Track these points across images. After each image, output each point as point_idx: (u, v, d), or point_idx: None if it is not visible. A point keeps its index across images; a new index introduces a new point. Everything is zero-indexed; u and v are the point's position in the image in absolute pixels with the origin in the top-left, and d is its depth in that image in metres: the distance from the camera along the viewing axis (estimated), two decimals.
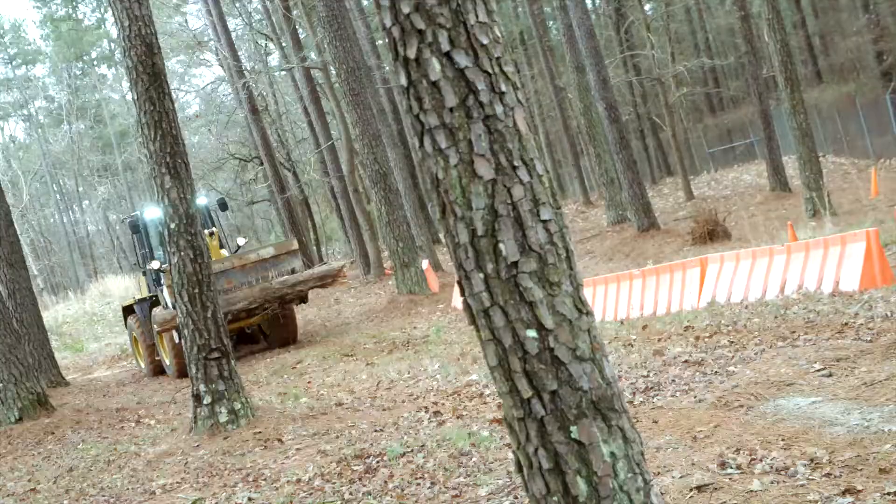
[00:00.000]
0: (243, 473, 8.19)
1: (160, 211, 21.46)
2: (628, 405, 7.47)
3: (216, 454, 9.22)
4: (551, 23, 49.89)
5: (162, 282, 18.59)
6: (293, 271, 19.13)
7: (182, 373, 17.68)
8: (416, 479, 6.72)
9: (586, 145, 34.05)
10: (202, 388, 10.36)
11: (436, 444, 7.59)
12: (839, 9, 48.49)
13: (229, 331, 20.35)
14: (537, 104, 50.86)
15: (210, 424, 10.27)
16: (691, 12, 55.36)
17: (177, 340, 17.69)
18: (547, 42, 42.35)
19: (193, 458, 9.32)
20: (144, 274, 21.74)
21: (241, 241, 21.66)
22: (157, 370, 20.37)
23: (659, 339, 10.67)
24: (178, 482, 8.43)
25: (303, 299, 19.88)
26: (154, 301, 20.26)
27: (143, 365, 21.44)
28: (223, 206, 22.30)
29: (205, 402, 10.35)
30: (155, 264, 19.40)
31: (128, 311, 22.23)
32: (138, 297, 21.71)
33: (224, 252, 20.73)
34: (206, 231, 19.04)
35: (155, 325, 18.08)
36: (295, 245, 19.81)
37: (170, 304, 17.75)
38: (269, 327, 21.38)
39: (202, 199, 21.59)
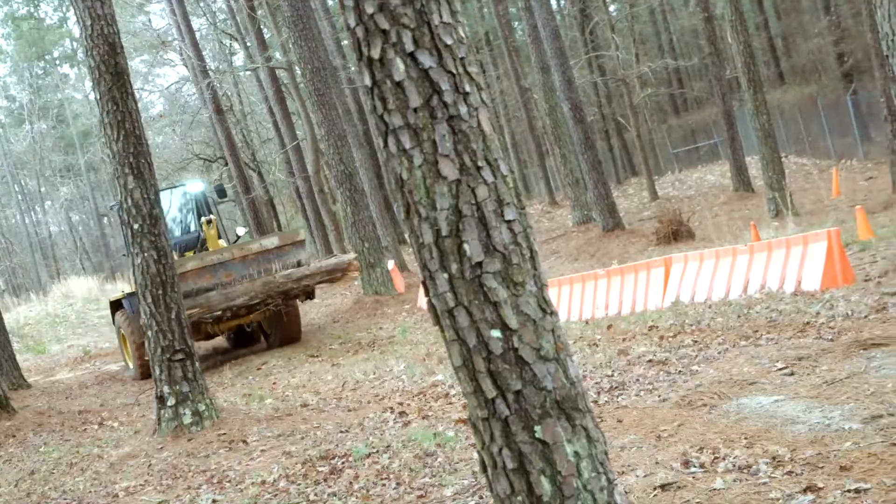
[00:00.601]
0: (207, 475, 8.14)
1: None
2: (593, 405, 7.51)
3: (180, 456, 9.16)
4: (516, 23, 49.99)
5: None
6: (299, 264, 17.65)
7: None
8: (382, 479, 6.71)
9: (552, 146, 34.16)
10: (166, 389, 10.30)
11: (401, 445, 7.59)
12: (801, 11, 48.97)
13: (228, 328, 19.20)
14: (503, 105, 50.97)
15: (174, 426, 10.20)
16: (655, 13, 55.69)
17: None
18: (512, 43, 42.42)
19: (157, 460, 9.25)
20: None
21: (240, 230, 20.48)
22: (147, 371, 18.68)
23: (623, 339, 10.72)
24: (141, 484, 8.36)
25: (309, 295, 18.31)
26: None
27: (130, 365, 19.68)
28: (221, 192, 20.95)
29: (168, 403, 10.28)
30: None
31: (115, 305, 20.36)
32: (128, 290, 19.69)
33: (223, 242, 19.35)
34: (204, 219, 18.44)
35: None
36: (302, 235, 18.34)
37: None
38: (269, 325, 19.81)
39: (198, 186, 20.70)
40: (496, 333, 3.42)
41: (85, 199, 68.01)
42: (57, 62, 70.69)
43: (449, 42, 3.43)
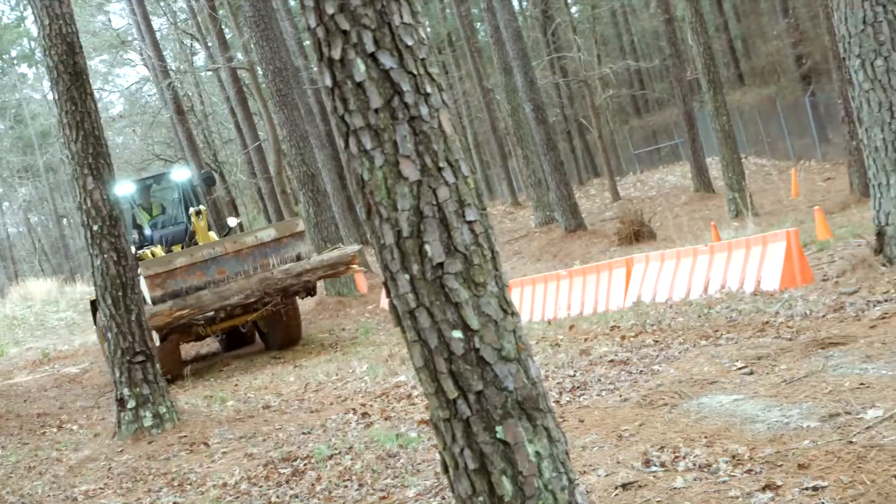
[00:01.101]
0: (168, 478, 8.08)
1: (133, 186, 18.41)
2: (555, 404, 7.54)
3: (140, 459, 9.09)
4: (479, 24, 50.05)
5: (139, 272, 15.44)
6: (299, 258, 16.19)
7: (167, 378, 15.23)
8: (344, 481, 6.70)
9: (514, 146, 34.24)
10: (126, 392, 10.22)
11: (364, 446, 7.58)
12: (760, 13, 49.47)
13: (220, 330, 17.46)
14: (465, 105, 51.04)
15: (134, 429, 10.12)
16: (617, 15, 56.01)
17: (157, 342, 15.02)
18: (475, 43, 42.50)
19: (117, 463, 9.17)
20: None
21: (232, 221, 18.56)
22: None
23: (585, 339, 10.76)
24: (101, 488, 8.29)
25: (310, 291, 16.81)
26: None
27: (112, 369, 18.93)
28: (209, 180, 19.66)
29: (129, 406, 10.20)
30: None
31: (96, 306, 19.75)
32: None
33: (213, 235, 17.84)
34: (193, 210, 16.97)
35: None
36: (301, 226, 16.82)
37: (149, 299, 15.06)
38: (267, 325, 18.26)
39: (185, 173, 19.22)
40: (457, 334, 3.42)
41: (44, 200, 67.24)
42: (14, 62, 69.83)
43: (410, 43, 3.43)
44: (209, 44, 37.90)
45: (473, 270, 3.46)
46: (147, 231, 18.79)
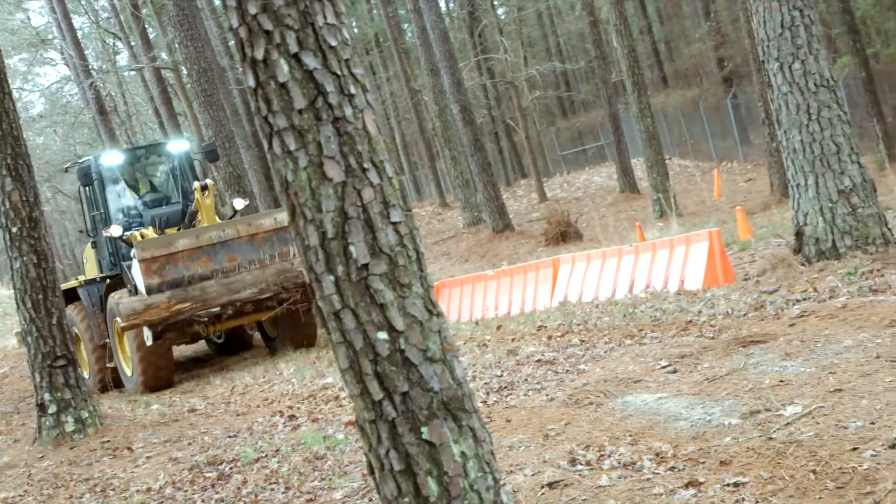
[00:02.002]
0: (90, 484, 7.95)
1: (122, 157, 16.02)
2: (482, 405, 7.57)
3: (62, 465, 8.93)
4: (406, 25, 50.06)
5: (132, 255, 13.22)
6: None
7: (155, 385, 13.65)
8: (270, 484, 6.65)
9: (442, 147, 34.31)
10: (47, 396, 10.02)
11: (290, 449, 7.53)
12: (682, 16, 50.24)
13: (225, 330, 15.06)
14: (393, 107, 51.01)
15: (55, 434, 9.93)
16: (543, 17, 56.39)
17: (149, 341, 13.11)
18: (402, 45, 42.51)
19: (37, 469, 8.99)
20: (95, 245, 15.95)
21: (238, 203, 15.83)
22: (109, 382, 15.16)
23: (513, 339, 10.82)
24: (20, 495, 8.12)
25: None
26: (112, 284, 14.80)
27: (85, 373, 15.54)
28: (212, 154, 16.29)
29: (50, 411, 10.01)
30: (115, 230, 14.01)
31: (66, 297, 15.44)
32: (84, 278, 16.16)
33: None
34: (198, 184, 13.96)
35: (119, 319, 12.92)
36: None
37: (142, 288, 12.95)
38: (276, 326, 15.38)
39: (183, 144, 16.48)
40: (383, 335, 3.42)
41: None
42: None
43: (333, 43, 3.42)
44: (132, 43, 37.36)
45: (398, 271, 3.46)
46: (133, 210, 15.90)
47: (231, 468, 7.40)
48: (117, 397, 13.65)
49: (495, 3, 46.56)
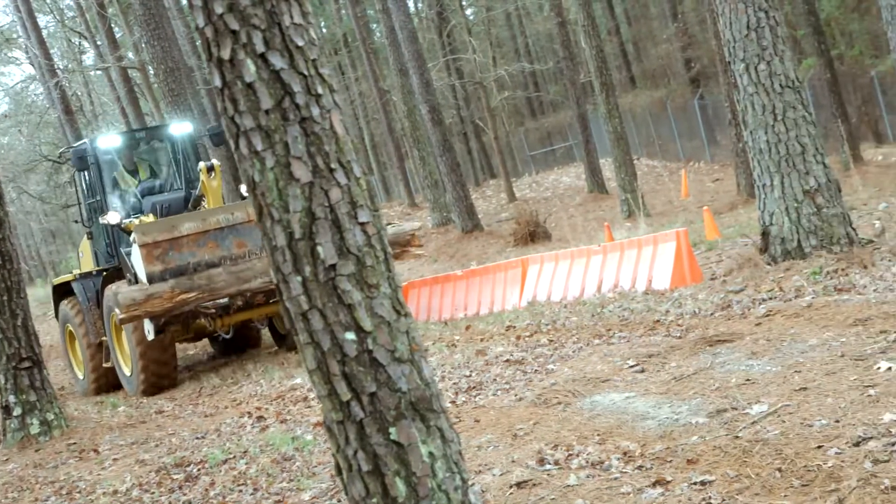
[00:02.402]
0: (56, 486, 7.88)
1: (120, 139, 14.71)
2: (451, 405, 7.58)
3: (27, 467, 8.84)
4: (375, 25, 49.98)
5: (133, 240, 12.04)
6: None
7: (157, 386, 12.71)
8: (239, 485, 6.62)
9: (411, 148, 34.30)
10: (12, 399, 9.93)
11: (259, 450, 7.50)
12: (650, 17, 50.49)
13: (232, 324, 13.47)
14: (362, 107, 50.89)
15: (21, 437, 9.85)
16: (511, 18, 56.43)
17: (150, 335, 12.01)
18: (371, 45, 42.41)
19: (2, 472, 8.91)
20: (91, 237, 14.81)
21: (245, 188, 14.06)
22: (104, 384, 14.22)
23: (481, 339, 10.83)
24: None
25: None
26: (110, 276, 13.54)
27: (80, 375, 14.93)
28: (218, 137, 14.93)
29: (15, 413, 9.93)
30: (112, 217, 13.30)
31: (60, 292, 15.23)
32: (79, 271, 15.02)
33: None
34: (203, 165, 13.01)
35: (117, 310, 11.51)
36: None
37: (143, 276, 11.80)
38: (281, 320, 14.34)
39: (185, 127, 15.32)
40: (350, 336, 3.42)
41: None
42: None
43: (300, 43, 3.41)
44: (98, 42, 37.04)
45: (366, 272, 3.46)
46: (132, 197, 14.52)
47: (199, 470, 7.36)
48: (83, 399, 13.54)
49: (464, 3, 46.62)
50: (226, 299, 12.14)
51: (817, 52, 25.33)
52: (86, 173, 14.44)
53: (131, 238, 12.09)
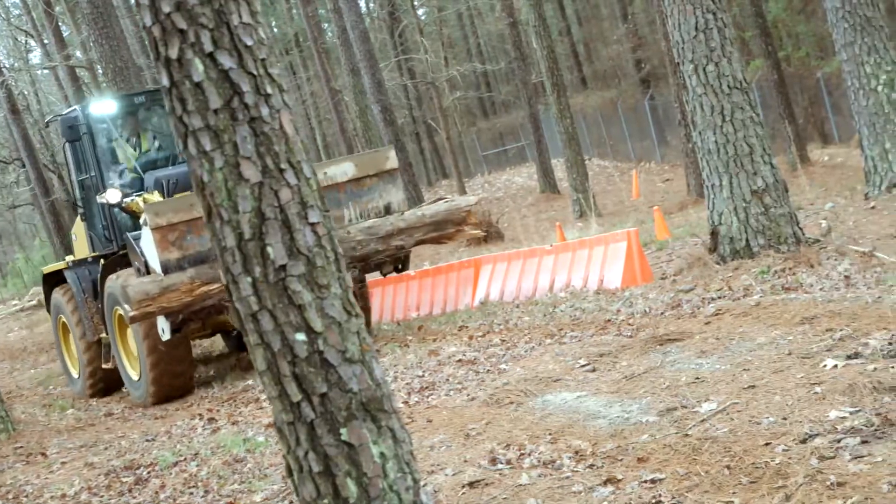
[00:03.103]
0: (2, 491, 7.76)
1: (117, 106, 12.61)
2: (403, 405, 7.57)
3: None
4: (326, 25, 49.80)
5: (144, 221, 10.14)
6: (388, 210, 11.29)
7: (170, 394, 11.05)
8: (189, 488, 6.57)
9: (363, 148, 34.18)
10: None
11: (210, 452, 7.45)
12: (601, 18, 50.79)
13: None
14: (314, 107, 50.75)
15: None
16: (463, 18, 56.54)
17: (165, 335, 10.30)
18: (322, 44, 42.20)
19: None
20: (84, 218, 12.78)
21: None
22: (101, 385, 12.79)
23: (434, 340, 10.83)
24: None
25: (400, 263, 12.01)
26: (111, 263, 11.75)
27: (74, 373, 13.44)
28: None
29: None
30: (112, 196, 11.48)
31: (51, 282, 13.54)
32: (73, 258, 13.26)
33: None
34: None
35: (127, 307, 9.98)
36: (393, 160, 11.56)
37: (157, 265, 9.98)
38: None
39: None
40: (301, 336, 3.41)
41: None
42: None
43: (249, 43, 3.40)
44: (45, 41, 36.58)
45: (317, 272, 3.45)
46: (132, 172, 12.51)
47: (149, 472, 7.29)
48: (31, 402, 13.35)
49: (415, 3, 46.60)
50: None
51: (765, 54, 25.63)
52: (77, 145, 12.40)
53: (142, 220, 10.32)
